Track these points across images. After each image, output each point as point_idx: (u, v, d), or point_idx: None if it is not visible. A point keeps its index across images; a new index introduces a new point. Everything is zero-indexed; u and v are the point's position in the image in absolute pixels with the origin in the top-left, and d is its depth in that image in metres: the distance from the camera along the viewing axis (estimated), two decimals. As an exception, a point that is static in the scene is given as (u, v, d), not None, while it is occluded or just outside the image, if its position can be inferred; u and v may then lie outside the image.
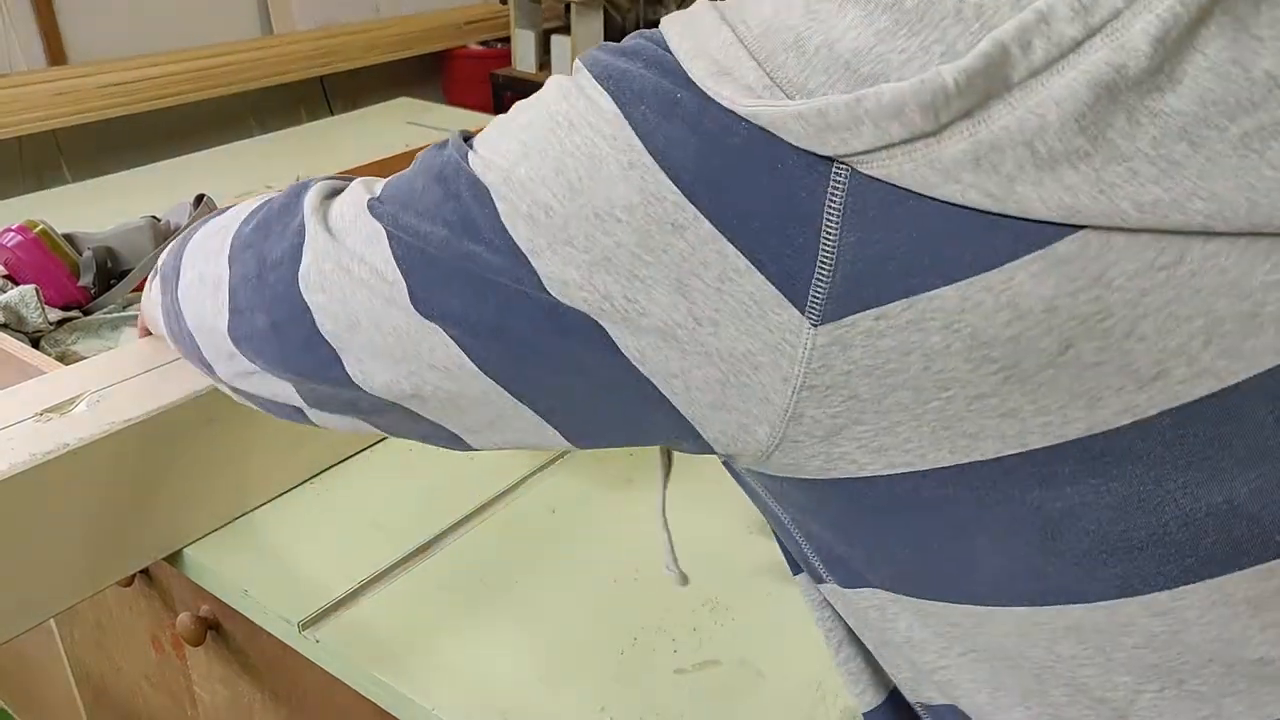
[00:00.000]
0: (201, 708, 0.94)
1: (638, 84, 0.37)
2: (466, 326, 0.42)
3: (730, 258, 0.35)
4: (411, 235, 0.43)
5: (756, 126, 0.34)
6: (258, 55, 2.71)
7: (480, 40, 3.27)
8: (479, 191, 0.40)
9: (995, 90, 0.31)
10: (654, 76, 0.37)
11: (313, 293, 0.47)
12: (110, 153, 2.53)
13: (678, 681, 0.64)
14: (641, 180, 0.36)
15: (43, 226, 0.96)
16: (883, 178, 0.32)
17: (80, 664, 1.11)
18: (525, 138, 0.39)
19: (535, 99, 0.41)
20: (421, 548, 0.76)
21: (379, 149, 1.34)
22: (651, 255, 0.36)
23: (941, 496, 0.36)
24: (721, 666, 0.66)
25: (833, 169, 0.33)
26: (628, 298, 0.37)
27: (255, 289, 0.51)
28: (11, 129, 2.22)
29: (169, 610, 0.88)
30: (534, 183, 0.38)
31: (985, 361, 0.33)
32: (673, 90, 0.36)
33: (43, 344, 0.90)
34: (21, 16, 2.36)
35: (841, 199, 0.33)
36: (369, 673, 0.66)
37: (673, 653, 0.67)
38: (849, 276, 0.33)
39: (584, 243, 0.37)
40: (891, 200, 0.32)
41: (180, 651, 0.91)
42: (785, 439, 0.37)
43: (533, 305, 0.39)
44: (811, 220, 0.33)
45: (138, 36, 2.58)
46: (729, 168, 0.35)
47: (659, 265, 0.36)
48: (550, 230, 0.38)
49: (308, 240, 0.48)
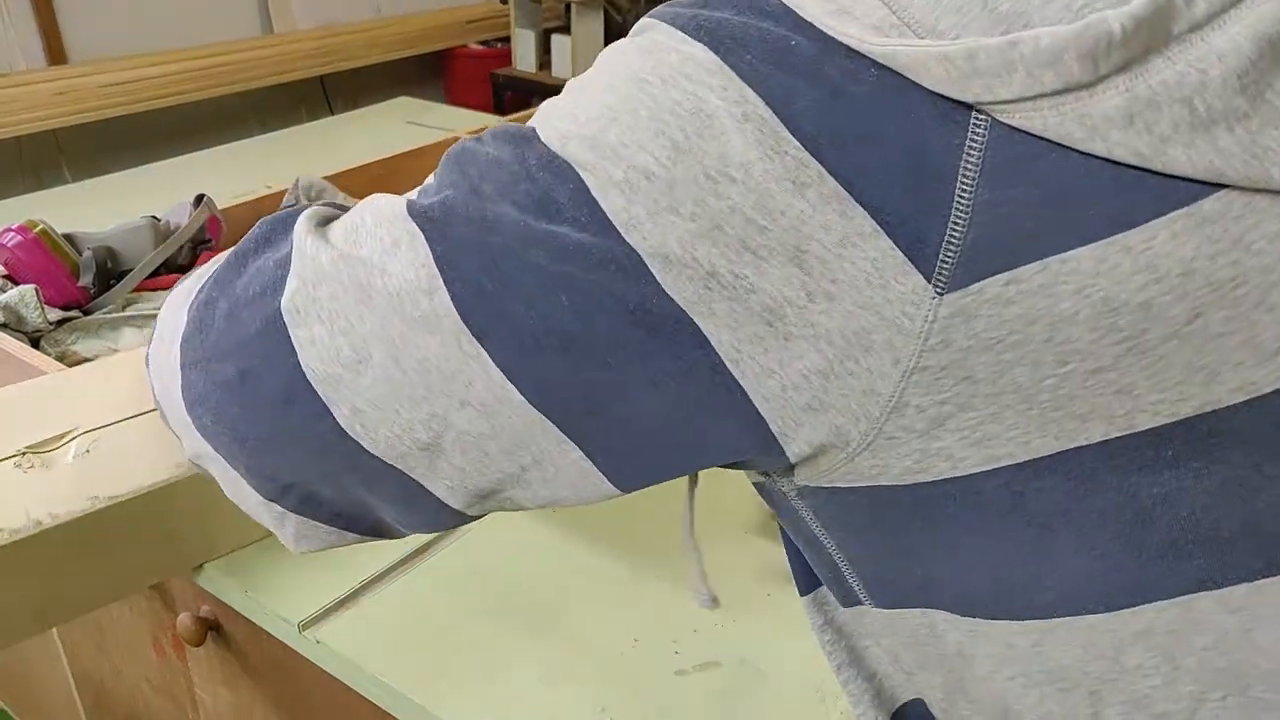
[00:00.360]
0: (202, 709, 0.94)
1: (737, 31, 0.33)
2: (526, 340, 0.36)
3: (855, 219, 0.32)
4: (466, 228, 0.36)
5: (888, 70, 0.31)
6: (258, 55, 2.71)
7: (481, 40, 3.27)
8: (558, 167, 0.35)
9: (1156, 43, 0.29)
10: (754, 21, 0.33)
11: (300, 326, 0.39)
12: (110, 153, 2.53)
13: (678, 683, 0.64)
14: (759, 134, 0.32)
15: (43, 226, 0.96)
16: (1025, 128, 0.30)
17: (80, 665, 1.11)
18: (609, 100, 0.35)
19: (601, 67, 0.37)
20: (421, 548, 0.76)
21: (379, 149, 1.34)
22: (768, 219, 0.33)
23: (1034, 490, 0.35)
24: (722, 668, 0.65)
25: (971, 118, 0.31)
26: (735, 273, 0.33)
27: (222, 332, 0.42)
28: (11, 129, 2.22)
29: (169, 611, 0.87)
30: (629, 147, 0.34)
31: (1110, 331, 0.31)
32: (784, 36, 0.33)
33: (43, 344, 0.90)
34: (21, 16, 2.35)
35: (980, 152, 0.31)
36: (369, 673, 0.65)
37: (673, 654, 0.67)
38: (981, 238, 0.31)
39: (691, 208, 0.33)
40: (1032, 154, 0.30)
41: (181, 653, 0.91)
42: (880, 436, 0.35)
43: (616, 301, 0.35)
44: (946, 175, 0.31)
45: (138, 36, 2.57)
46: (854, 117, 0.32)
47: (775, 230, 0.33)
48: (652, 196, 0.34)
49: (297, 265, 0.40)
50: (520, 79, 3.00)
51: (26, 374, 0.80)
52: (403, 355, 0.38)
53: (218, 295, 0.43)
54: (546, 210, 0.35)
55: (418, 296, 0.37)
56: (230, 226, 1.10)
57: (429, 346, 0.37)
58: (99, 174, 1.61)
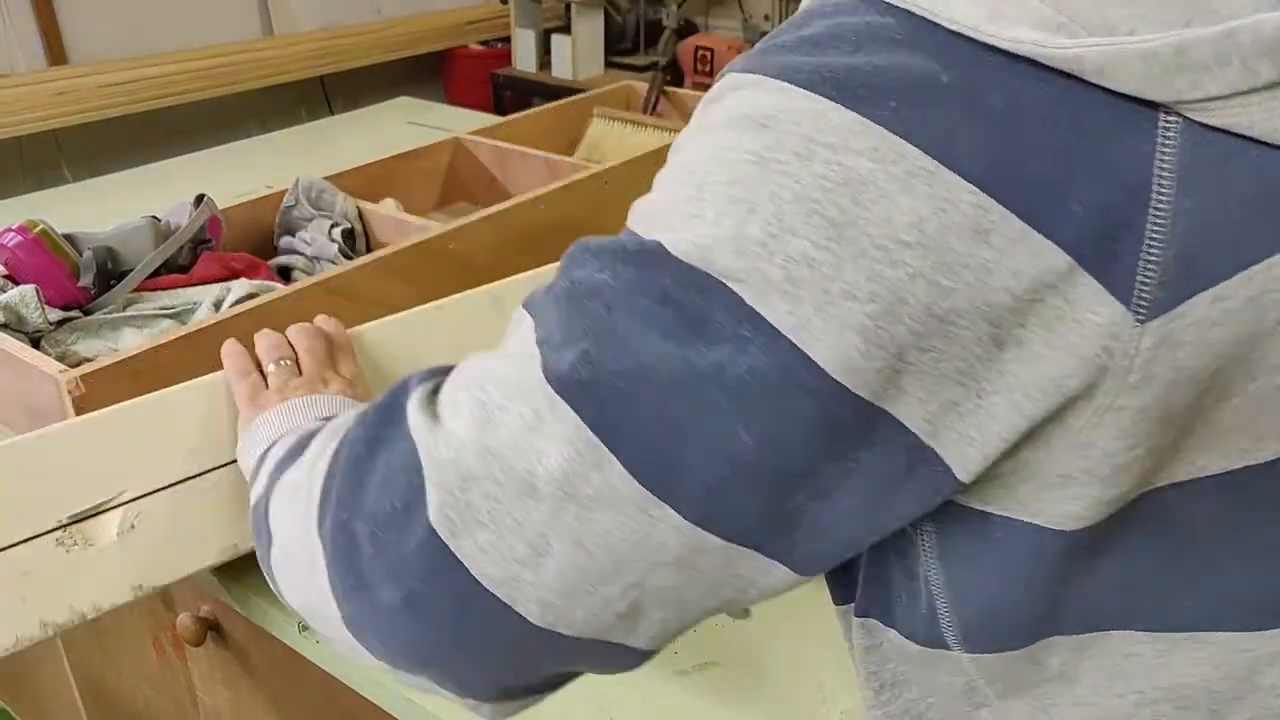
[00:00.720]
0: (202, 709, 0.94)
1: (870, 76, 0.30)
2: (713, 486, 0.32)
3: (1044, 255, 0.29)
4: (617, 384, 0.32)
5: (1058, 77, 0.28)
6: (258, 55, 2.71)
7: (481, 40, 3.26)
8: (702, 283, 0.31)
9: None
10: (885, 57, 0.30)
11: (462, 538, 0.35)
12: (110, 153, 2.53)
13: (679, 683, 0.64)
14: (928, 187, 0.29)
15: (43, 226, 0.96)
16: (1226, 127, 0.28)
17: (81, 666, 1.11)
18: (736, 193, 0.31)
19: (704, 151, 0.32)
20: (422, 548, 0.76)
21: (379, 149, 1.34)
22: (952, 278, 0.29)
23: (1187, 507, 0.33)
24: (722, 668, 0.65)
25: (1159, 121, 0.28)
26: (923, 346, 0.30)
27: (372, 559, 0.37)
28: (11, 129, 2.22)
29: (169, 611, 0.87)
30: (778, 238, 0.30)
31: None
32: (927, 69, 0.29)
33: (43, 344, 0.90)
34: (21, 16, 2.36)
35: (1174, 157, 0.28)
36: (370, 673, 0.65)
37: (674, 654, 0.67)
38: (1182, 253, 0.28)
39: (867, 288, 0.29)
40: (1229, 153, 0.28)
41: (181, 652, 0.91)
42: (1069, 482, 0.32)
43: (801, 421, 0.31)
44: (1138, 187, 0.28)
45: (138, 36, 2.58)
46: (1029, 142, 0.29)
47: (960, 289, 0.29)
48: (819, 286, 0.30)
49: (431, 473, 0.35)
50: (520, 79, 3.00)
51: (27, 374, 0.80)
52: (585, 537, 0.33)
53: (348, 517, 0.38)
54: (702, 335, 0.31)
55: (586, 474, 0.33)
56: (230, 226, 1.10)
57: (610, 522, 0.33)
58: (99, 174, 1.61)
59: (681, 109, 1.61)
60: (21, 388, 0.83)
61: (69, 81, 2.34)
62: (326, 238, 1.11)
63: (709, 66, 2.73)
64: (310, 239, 1.12)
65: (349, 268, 0.96)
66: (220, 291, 0.95)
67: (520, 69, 3.03)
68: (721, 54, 2.69)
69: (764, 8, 3.09)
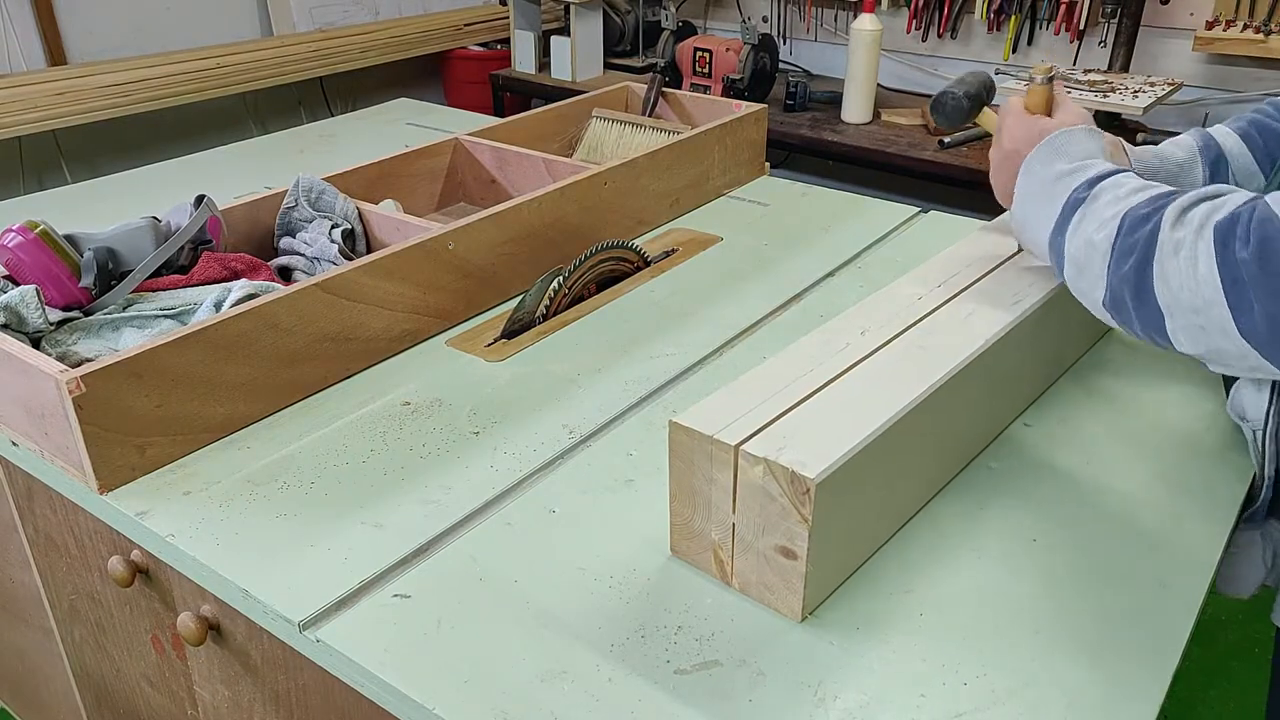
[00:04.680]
0: (202, 707, 0.94)
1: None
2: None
3: None
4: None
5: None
6: (258, 55, 2.71)
7: (480, 41, 3.27)
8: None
9: None
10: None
11: None
12: (110, 153, 2.54)
13: (678, 682, 0.65)
14: None
15: (43, 227, 0.96)
16: None
17: (80, 664, 1.11)
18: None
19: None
20: (421, 548, 0.76)
21: (379, 149, 1.34)
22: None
23: None
24: (722, 667, 0.66)
25: None
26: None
27: (1263, 284, 0.60)
28: (11, 129, 2.22)
29: (169, 610, 0.88)
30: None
31: None
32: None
33: (43, 344, 0.90)
34: (21, 16, 2.36)
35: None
36: (369, 672, 0.66)
37: (673, 653, 0.67)
38: None
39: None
40: None
41: (181, 651, 0.92)
42: None
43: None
44: None
45: (138, 37, 2.58)
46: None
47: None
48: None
49: None
50: (519, 80, 3.01)
51: (27, 374, 0.80)
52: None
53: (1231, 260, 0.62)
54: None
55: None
56: (230, 227, 1.10)
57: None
58: (99, 174, 1.61)
59: (680, 110, 1.62)
60: (22, 388, 0.83)
61: (69, 81, 2.34)
62: (326, 238, 1.11)
63: (707, 68, 2.72)
64: (310, 240, 1.12)
65: (349, 268, 0.97)
66: (220, 292, 0.95)
67: (519, 70, 3.03)
68: (720, 55, 2.68)
69: (763, 9, 3.10)
